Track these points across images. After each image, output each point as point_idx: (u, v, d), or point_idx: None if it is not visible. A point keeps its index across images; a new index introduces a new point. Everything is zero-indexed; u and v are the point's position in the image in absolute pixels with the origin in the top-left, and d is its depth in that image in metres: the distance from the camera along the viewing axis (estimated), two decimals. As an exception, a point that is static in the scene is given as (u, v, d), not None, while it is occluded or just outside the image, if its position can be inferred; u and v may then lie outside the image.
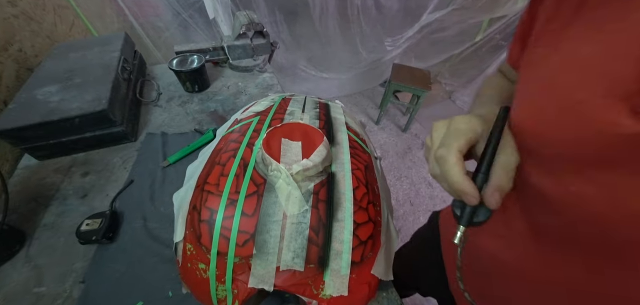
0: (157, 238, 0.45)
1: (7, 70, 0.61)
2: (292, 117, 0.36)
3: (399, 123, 2.19)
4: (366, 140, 0.38)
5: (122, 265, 0.41)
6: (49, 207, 0.49)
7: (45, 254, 0.43)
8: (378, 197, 0.30)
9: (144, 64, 0.86)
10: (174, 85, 0.79)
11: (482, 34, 2.08)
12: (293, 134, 0.31)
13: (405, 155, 1.94)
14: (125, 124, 0.59)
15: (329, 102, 0.43)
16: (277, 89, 0.81)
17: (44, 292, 0.39)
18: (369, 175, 0.31)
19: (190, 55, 0.77)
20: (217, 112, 0.71)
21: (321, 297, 0.25)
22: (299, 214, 0.25)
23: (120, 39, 0.74)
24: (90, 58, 0.66)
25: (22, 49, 0.66)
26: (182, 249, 0.27)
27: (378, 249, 0.27)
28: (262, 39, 0.87)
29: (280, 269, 0.24)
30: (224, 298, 0.25)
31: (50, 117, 0.51)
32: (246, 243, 0.24)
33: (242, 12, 0.85)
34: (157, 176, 0.54)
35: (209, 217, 0.25)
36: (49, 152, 0.56)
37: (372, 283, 0.27)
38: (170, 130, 0.65)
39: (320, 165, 0.27)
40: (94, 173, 0.55)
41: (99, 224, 0.43)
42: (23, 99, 0.54)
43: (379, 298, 0.41)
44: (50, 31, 0.78)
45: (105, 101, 0.54)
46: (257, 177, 0.27)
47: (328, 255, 0.24)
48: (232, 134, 0.33)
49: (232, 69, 0.88)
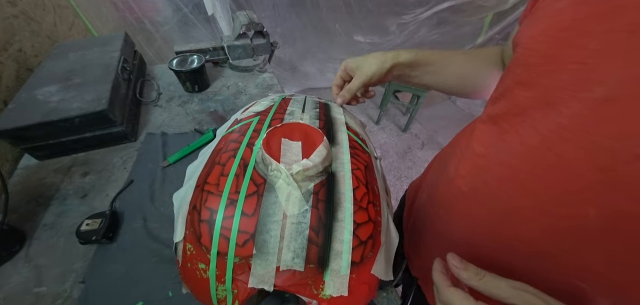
0: (157, 238, 0.45)
1: (7, 70, 0.61)
2: (292, 117, 0.36)
3: (399, 123, 2.19)
4: (366, 140, 0.38)
5: (122, 265, 0.41)
6: (49, 207, 0.49)
7: (45, 254, 0.43)
8: (378, 197, 0.30)
9: (144, 64, 0.86)
10: (174, 85, 0.79)
11: (483, 36, 2.08)
12: (293, 134, 0.31)
13: (405, 155, 1.94)
14: (125, 124, 0.59)
15: (329, 102, 0.43)
16: (277, 89, 0.82)
17: (44, 292, 0.39)
18: (369, 175, 0.31)
19: (190, 55, 0.77)
20: (217, 112, 0.71)
21: (321, 297, 0.24)
22: (299, 214, 0.25)
23: (120, 39, 0.74)
24: (90, 58, 0.66)
25: (22, 49, 0.66)
26: (182, 249, 0.27)
27: (378, 249, 0.27)
28: (262, 39, 0.87)
29: (280, 269, 0.24)
30: (224, 298, 0.25)
31: (50, 117, 0.51)
32: (246, 243, 0.24)
33: (242, 12, 0.85)
34: (157, 176, 0.54)
35: (209, 217, 0.25)
36: (49, 152, 0.56)
37: (372, 283, 0.27)
38: (170, 130, 0.65)
39: (320, 165, 0.27)
40: (94, 173, 0.55)
41: (99, 224, 0.43)
42: (23, 99, 0.54)
43: (379, 298, 0.41)
44: (50, 31, 0.78)
45: (105, 101, 0.54)
46: (257, 177, 0.27)
47: (328, 255, 0.24)
48: (232, 134, 0.33)
49: (232, 69, 0.88)
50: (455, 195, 0.34)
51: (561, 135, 0.22)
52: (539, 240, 0.25)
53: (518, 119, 0.26)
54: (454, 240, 0.35)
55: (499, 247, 0.29)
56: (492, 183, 0.29)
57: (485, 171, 0.29)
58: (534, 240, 0.26)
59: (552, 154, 0.23)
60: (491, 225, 0.30)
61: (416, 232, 0.47)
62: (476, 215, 0.31)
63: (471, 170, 0.32)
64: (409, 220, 0.51)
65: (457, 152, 0.36)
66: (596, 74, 0.20)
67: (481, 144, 0.31)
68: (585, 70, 0.20)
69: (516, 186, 0.26)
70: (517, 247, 0.27)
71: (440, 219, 0.38)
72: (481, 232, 0.31)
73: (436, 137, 2.10)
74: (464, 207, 0.33)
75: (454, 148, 0.38)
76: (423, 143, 2.04)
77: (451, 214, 0.36)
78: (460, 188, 0.33)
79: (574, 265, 0.24)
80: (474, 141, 0.32)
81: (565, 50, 0.22)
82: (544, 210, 0.24)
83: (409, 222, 0.52)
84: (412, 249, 0.50)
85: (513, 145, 0.26)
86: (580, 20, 0.21)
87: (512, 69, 0.27)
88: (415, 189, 0.54)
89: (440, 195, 0.38)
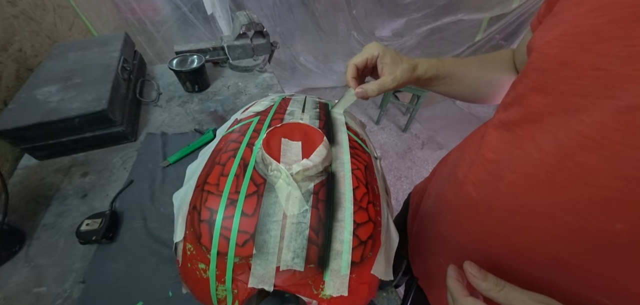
0: (157, 238, 0.45)
1: (7, 70, 0.61)
2: (292, 117, 0.36)
3: (399, 123, 2.19)
4: (366, 140, 0.38)
5: (122, 265, 0.41)
6: (49, 207, 0.49)
7: (45, 254, 0.43)
8: (378, 197, 0.30)
9: (144, 64, 0.86)
10: (174, 85, 0.79)
11: (481, 34, 2.08)
12: (293, 134, 0.31)
13: (405, 155, 1.94)
14: (125, 124, 0.59)
15: (329, 102, 0.43)
16: (277, 88, 0.82)
17: (44, 292, 0.39)
18: (369, 175, 0.31)
19: (190, 55, 0.77)
20: (217, 112, 0.71)
21: (321, 297, 0.24)
22: (299, 214, 0.25)
23: (120, 39, 0.74)
24: (90, 58, 0.66)
25: (22, 49, 0.66)
26: (182, 249, 0.27)
27: (378, 249, 0.27)
28: (262, 39, 0.87)
29: (280, 269, 0.24)
30: (224, 298, 0.25)
31: (50, 117, 0.51)
32: (246, 243, 0.24)
33: (242, 12, 0.85)
34: (157, 176, 0.54)
35: (209, 217, 0.25)
36: (49, 152, 0.56)
37: (372, 283, 0.27)
38: (170, 130, 0.65)
39: (320, 165, 0.27)
40: (94, 173, 0.55)
41: (99, 224, 0.43)
42: (23, 99, 0.54)
43: (379, 298, 0.41)
44: (50, 31, 0.78)
45: (105, 101, 0.54)
46: (257, 177, 0.27)
47: (328, 255, 0.24)
48: (232, 134, 0.33)
49: (232, 69, 0.88)
50: (465, 201, 0.33)
51: (582, 144, 0.21)
52: (558, 251, 0.24)
53: (534, 126, 0.25)
54: (462, 246, 0.35)
55: (512, 256, 0.28)
56: (504, 190, 0.28)
57: (498, 178, 0.28)
58: (552, 250, 0.25)
59: (571, 162, 0.22)
60: (504, 233, 0.29)
61: (422, 237, 0.46)
62: (487, 223, 0.30)
63: (482, 177, 0.31)
64: (414, 224, 0.51)
65: (466, 157, 0.35)
66: (619, 81, 0.19)
67: (493, 151, 0.30)
68: (607, 77, 0.20)
69: (532, 194, 0.25)
70: (533, 257, 0.26)
71: (447, 225, 0.37)
72: (492, 239, 0.30)
73: (436, 137, 2.10)
74: (474, 214, 0.32)
75: (462, 153, 0.38)
76: (423, 143, 2.04)
77: (460, 220, 0.35)
78: (470, 194, 0.32)
79: (598, 279, 0.23)
80: (485, 147, 0.31)
81: (583, 56, 0.21)
82: (564, 221, 0.23)
83: (413, 226, 0.51)
84: (417, 253, 0.49)
85: (529, 153, 0.25)
86: (600, 26, 0.20)
87: (527, 74, 0.27)
88: (420, 193, 0.53)
89: (448, 201, 0.38)
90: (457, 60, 0.41)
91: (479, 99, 0.44)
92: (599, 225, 0.21)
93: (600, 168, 0.20)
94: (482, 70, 0.42)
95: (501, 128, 0.30)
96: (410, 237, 0.52)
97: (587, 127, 0.21)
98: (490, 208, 0.30)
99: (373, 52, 0.37)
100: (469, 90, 0.43)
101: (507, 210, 0.28)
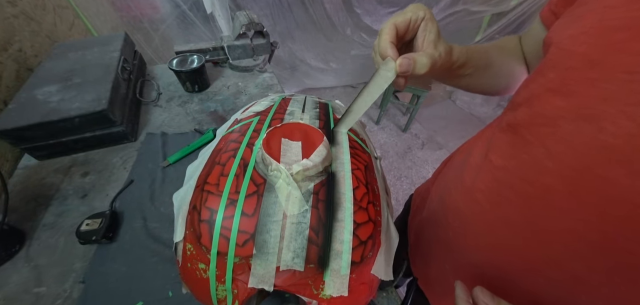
0: (157, 238, 0.45)
1: (7, 70, 0.61)
2: (292, 117, 0.36)
3: (399, 123, 2.19)
4: (366, 140, 0.38)
5: (122, 265, 0.41)
6: (49, 207, 0.49)
7: (45, 254, 0.43)
8: (378, 197, 0.30)
9: (144, 64, 0.86)
10: (174, 85, 0.79)
11: (481, 34, 2.08)
12: (293, 134, 0.31)
13: (405, 155, 1.94)
14: (125, 124, 0.59)
15: (329, 102, 0.43)
16: (277, 88, 0.82)
17: (44, 292, 0.39)
18: (369, 175, 0.31)
19: (190, 55, 0.77)
20: (217, 112, 0.71)
21: (321, 297, 0.24)
22: (299, 214, 0.25)
23: (120, 39, 0.74)
24: (90, 58, 0.66)
25: (22, 49, 0.66)
26: (182, 249, 0.27)
27: (378, 249, 0.27)
28: (262, 38, 0.87)
29: (280, 269, 0.24)
30: (224, 298, 0.25)
31: (50, 117, 0.51)
32: (246, 243, 0.24)
33: (242, 11, 0.85)
34: (157, 176, 0.54)
35: (209, 217, 0.25)
36: (49, 152, 0.56)
37: (372, 283, 0.27)
38: (170, 130, 0.65)
39: (320, 165, 0.27)
40: (94, 173, 0.55)
41: (99, 224, 0.43)
42: (23, 99, 0.54)
43: (379, 298, 0.41)
44: (50, 31, 0.78)
45: (105, 101, 0.54)
46: (257, 177, 0.27)
47: (328, 255, 0.24)
48: (232, 134, 0.33)
49: (232, 69, 0.88)
50: (473, 209, 0.32)
51: (606, 156, 0.19)
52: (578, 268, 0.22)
53: (544, 131, 0.23)
54: (469, 254, 0.33)
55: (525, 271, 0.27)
56: (515, 200, 0.26)
57: (507, 186, 0.27)
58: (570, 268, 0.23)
59: (593, 175, 0.20)
60: (516, 245, 0.27)
61: (425, 240, 0.45)
62: (498, 233, 0.29)
63: (490, 184, 0.29)
64: (416, 226, 0.50)
65: (473, 162, 0.33)
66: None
67: (500, 156, 0.28)
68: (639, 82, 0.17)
69: (548, 206, 0.23)
70: (549, 274, 0.24)
71: (454, 231, 0.36)
72: (503, 251, 0.29)
73: (436, 137, 2.10)
74: (483, 223, 0.30)
75: (468, 156, 0.36)
76: (423, 143, 2.04)
77: (467, 228, 0.33)
78: (479, 202, 0.30)
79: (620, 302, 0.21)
80: (492, 151, 0.29)
81: (615, 56, 0.18)
82: (586, 238, 0.21)
83: (415, 228, 0.51)
84: (418, 256, 0.48)
85: (539, 160, 0.23)
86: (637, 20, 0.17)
87: (543, 72, 0.24)
88: (422, 195, 0.52)
89: (455, 207, 0.36)
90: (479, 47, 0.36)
91: (499, 90, 0.40)
92: (626, 245, 0.19)
93: (628, 184, 0.18)
94: (504, 57, 0.38)
95: (508, 131, 0.28)
96: (411, 239, 0.52)
97: (612, 137, 0.18)
98: (501, 217, 0.28)
99: (418, 12, 0.27)
100: (493, 80, 0.38)
101: (519, 221, 0.26)
